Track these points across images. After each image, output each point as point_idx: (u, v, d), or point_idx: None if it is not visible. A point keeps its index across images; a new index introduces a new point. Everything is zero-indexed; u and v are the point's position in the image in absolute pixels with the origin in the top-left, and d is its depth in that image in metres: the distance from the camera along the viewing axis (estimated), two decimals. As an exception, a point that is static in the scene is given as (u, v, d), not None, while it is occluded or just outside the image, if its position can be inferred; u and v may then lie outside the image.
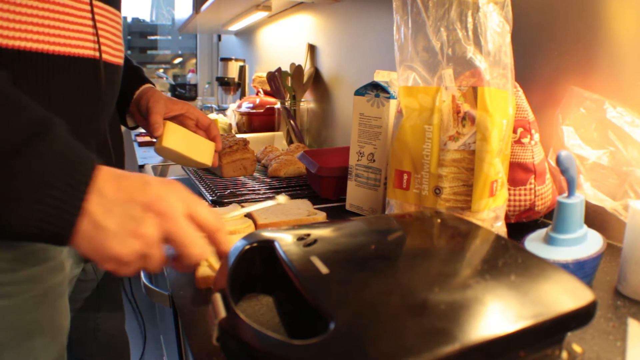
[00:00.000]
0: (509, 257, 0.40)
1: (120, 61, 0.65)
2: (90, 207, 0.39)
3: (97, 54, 0.58)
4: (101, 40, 0.58)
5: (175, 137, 0.78)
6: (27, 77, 0.51)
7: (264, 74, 1.86)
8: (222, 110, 2.36)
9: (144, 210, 0.40)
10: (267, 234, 0.44)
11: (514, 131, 0.71)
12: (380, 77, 0.81)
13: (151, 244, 0.40)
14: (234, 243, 0.44)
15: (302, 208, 0.81)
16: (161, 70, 4.49)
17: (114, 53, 0.62)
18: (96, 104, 0.60)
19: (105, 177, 0.40)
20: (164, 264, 0.43)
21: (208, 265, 0.46)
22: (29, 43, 0.51)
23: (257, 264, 0.43)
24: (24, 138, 0.37)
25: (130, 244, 0.40)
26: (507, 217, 0.72)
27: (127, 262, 0.40)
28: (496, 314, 0.32)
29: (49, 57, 0.53)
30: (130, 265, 0.41)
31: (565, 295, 0.35)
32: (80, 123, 0.57)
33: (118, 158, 0.68)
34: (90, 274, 0.73)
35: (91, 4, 0.56)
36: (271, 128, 1.73)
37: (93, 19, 0.56)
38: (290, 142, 1.66)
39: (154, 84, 0.82)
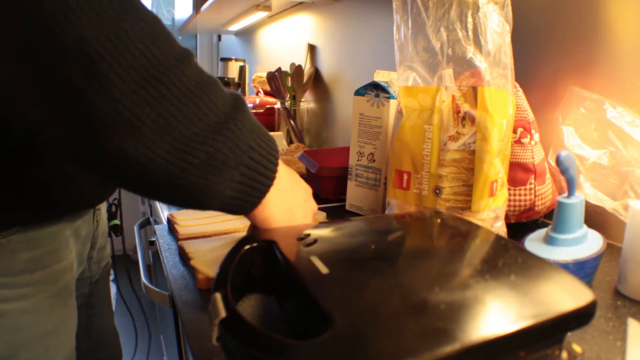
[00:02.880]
0: (509, 257, 0.40)
1: None
2: (279, 176, 0.44)
3: None
4: None
5: None
6: None
7: (264, 74, 1.86)
8: (222, 110, 2.35)
9: (308, 195, 0.53)
10: (267, 234, 0.44)
11: (514, 131, 0.71)
12: (380, 77, 0.81)
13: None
14: (234, 243, 0.44)
15: (302, 208, 0.81)
16: (161, 70, 4.48)
17: None
18: None
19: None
20: None
21: None
22: None
23: (257, 264, 0.43)
24: (230, 106, 0.39)
25: (309, 217, 0.51)
26: (507, 217, 0.72)
27: None
28: (496, 314, 0.32)
29: None
30: None
31: (565, 295, 0.35)
32: None
33: None
34: (86, 272, 0.73)
35: None
36: (271, 128, 1.73)
37: None
38: (290, 142, 1.66)
39: None
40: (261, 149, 0.41)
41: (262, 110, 1.76)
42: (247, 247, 0.42)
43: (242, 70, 2.58)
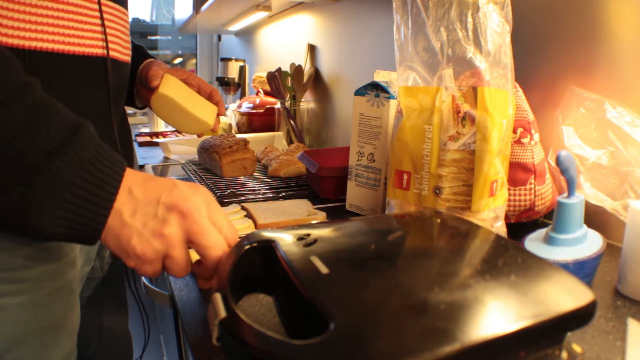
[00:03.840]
0: (509, 257, 0.40)
1: (128, 59, 0.66)
2: (118, 205, 0.41)
3: (105, 51, 0.59)
4: (109, 38, 0.59)
5: (175, 88, 0.72)
6: (46, 77, 0.52)
7: (264, 74, 1.86)
8: (222, 110, 2.35)
9: (167, 211, 0.42)
10: (267, 234, 0.44)
11: (514, 131, 0.71)
12: (380, 77, 0.81)
13: (173, 245, 0.42)
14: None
15: (302, 208, 0.81)
16: (161, 70, 4.47)
17: (123, 51, 0.63)
18: (107, 103, 0.60)
19: (134, 178, 0.43)
20: (187, 268, 0.45)
21: None
22: (45, 43, 0.51)
23: (257, 264, 0.43)
24: (57, 143, 0.39)
25: (152, 242, 0.41)
26: (507, 217, 0.72)
27: (149, 260, 0.42)
28: (496, 314, 0.32)
29: (65, 56, 0.53)
30: (152, 264, 0.42)
31: (565, 295, 0.35)
32: (95, 121, 0.58)
33: (127, 159, 0.69)
34: (97, 271, 0.73)
35: (99, 3, 0.57)
36: (271, 128, 1.73)
37: (101, 17, 0.57)
38: (290, 142, 1.66)
39: (155, 58, 0.82)
40: (89, 183, 0.40)
41: (262, 110, 1.76)
42: (247, 247, 0.42)
43: (242, 70, 2.58)
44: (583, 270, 0.53)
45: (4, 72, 0.38)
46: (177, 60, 4.70)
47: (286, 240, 0.42)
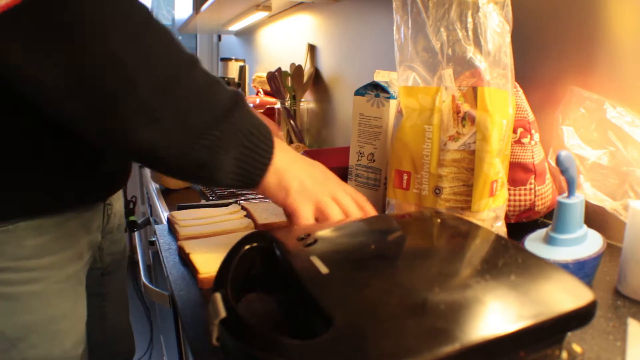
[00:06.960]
0: (509, 257, 0.40)
1: None
2: (276, 161, 0.51)
3: None
4: None
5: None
6: None
7: (264, 74, 1.86)
8: (222, 110, 2.35)
9: (326, 195, 0.54)
10: (267, 234, 0.44)
11: (514, 131, 0.71)
12: (380, 77, 0.81)
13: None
14: (234, 243, 0.44)
15: (302, 208, 0.81)
16: (161, 70, 4.48)
17: None
18: None
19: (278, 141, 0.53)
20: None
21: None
22: None
23: (257, 264, 0.43)
24: (231, 101, 0.49)
25: (324, 189, 0.54)
26: (507, 217, 0.72)
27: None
28: (496, 314, 0.32)
29: None
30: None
31: (565, 295, 0.35)
32: None
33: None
34: (97, 262, 0.74)
35: None
36: (271, 128, 1.72)
37: None
38: (290, 142, 1.66)
39: None
40: (258, 133, 0.49)
41: (262, 111, 1.76)
42: (247, 247, 0.42)
43: (242, 70, 2.58)
44: (583, 270, 0.53)
45: (180, 44, 0.47)
46: (177, 60, 4.70)
47: (286, 240, 0.42)
